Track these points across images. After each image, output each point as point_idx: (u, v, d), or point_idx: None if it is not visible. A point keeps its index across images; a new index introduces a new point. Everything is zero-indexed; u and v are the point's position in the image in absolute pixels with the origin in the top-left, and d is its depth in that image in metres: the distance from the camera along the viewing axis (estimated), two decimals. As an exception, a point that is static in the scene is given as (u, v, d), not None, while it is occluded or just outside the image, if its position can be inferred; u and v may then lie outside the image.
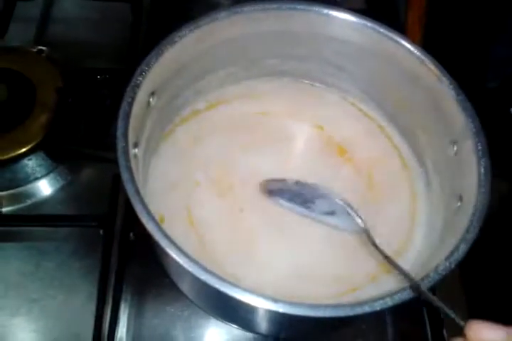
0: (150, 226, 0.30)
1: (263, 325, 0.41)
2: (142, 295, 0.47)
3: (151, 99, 0.39)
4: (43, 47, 0.56)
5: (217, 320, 0.46)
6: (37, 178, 0.50)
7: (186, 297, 0.46)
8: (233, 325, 0.45)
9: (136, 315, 0.46)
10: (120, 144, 0.33)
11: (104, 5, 0.61)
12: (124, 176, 0.32)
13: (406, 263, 0.42)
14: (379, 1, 0.64)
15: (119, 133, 0.33)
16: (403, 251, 0.44)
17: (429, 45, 0.62)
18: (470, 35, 0.66)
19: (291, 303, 0.30)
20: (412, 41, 0.43)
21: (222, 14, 0.40)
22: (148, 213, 0.31)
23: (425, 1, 0.61)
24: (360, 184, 0.47)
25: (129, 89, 0.35)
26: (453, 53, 0.64)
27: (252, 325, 0.42)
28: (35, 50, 0.56)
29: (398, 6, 0.63)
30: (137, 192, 0.32)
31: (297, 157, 0.49)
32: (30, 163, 0.49)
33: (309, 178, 0.46)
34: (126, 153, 0.33)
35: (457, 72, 0.42)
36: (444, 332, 0.47)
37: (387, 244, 0.44)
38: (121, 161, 0.32)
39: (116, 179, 0.48)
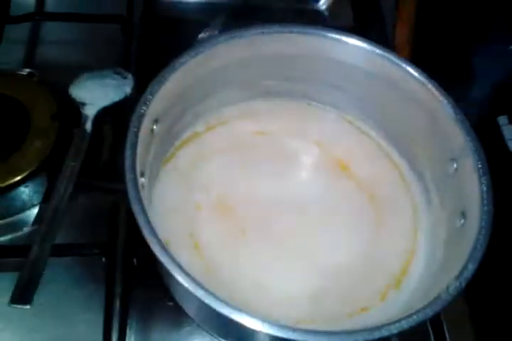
0: (165, 260, 0.30)
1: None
2: (147, 320, 0.47)
3: (154, 127, 0.38)
4: (33, 71, 0.55)
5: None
6: (34, 205, 0.49)
7: (193, 320, 0.45)
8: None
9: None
10: (129, 176, 0.33)
11: (94, 26, 0.60)
12: (136, 208, 0.32)
13: (410, 283, 0.43)
14: (367, 19, 0.65)
15: (127, 164, 0.33)
16: (407, 268, 0.44)
17: (417, 58, 0.63)
18: (456, 47, 0.68)
19: (309, 332, 0.30)
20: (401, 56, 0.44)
21: (221, 39, 0.41)
22: (162, 246, 0.31)
23: (414, 19, 0.62)
24: (363, 199, 0.47)
25: (134, 118, 0.35)
26: (440, 65, 0.65)
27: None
28: (25, 73, 0.55)
29: (386, 23, 0.64)
30: (148, 222, 0.31)
31: (298, 174, 0.49)
32: (27, 190, 0.48)
33: (312, 194, 0.47)
34: (135, 184, 0.32)
35: (444, 83, 0.43)
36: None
37: (390, 261, 0.44)
38: (132, 193, 0.32)
39: (116, 206, 0.48)
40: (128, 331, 0.45)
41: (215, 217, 0.44)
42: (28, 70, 0.56)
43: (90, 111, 0.47)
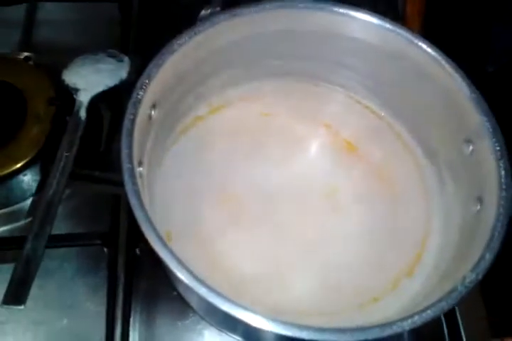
0: (166, 257, 0.29)
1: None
2: (151, 310, 0.46)
3: (152, 112, 0.36)
4: (30, 54, 0.53)
5: (230, 336, 0.44)
6: (33, 194, 0.48)
7: (196, 312, 0.44)
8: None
9: (147, 332, 0.45)
10: (126, 166, 0.31)
11: (91, 5, 0.58)
12: (133, 201, 0.30)
13: (423, 270, 0.41)
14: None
15: (124, 154, 0.31)
16: (420, 254, 0.42)
17: (429, 31, 0.60)
18: (470, 21, 0.65)
19: (317, 330, 0.29)
20: (412, 30, 0.41)
21: (221, 18, 0.38)
22: (162, 242, 0.29)
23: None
24: (373, 183, 0.45)
25: (130, 105, 0.33)
26: (453, 39, 0.62)
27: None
28: (22, 57, 0.53)
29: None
30: (147, 218, 0.30)
31: (306, 157, 0.47)
32: (26, 179, 0.47)
33: (320, 178, 0.45)
34: (132, 175, 0.31)
35: (457, 57, 0.40)
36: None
37: (403, 248, 0.43)
38: (128, 185, 0.30)
39: (117, 195, 0.46)
40: (132, 321, 0.44)
41: (218, 205, 0.43)
42: (24, 54, 0.54)
43: (84, 98, 0.45)
